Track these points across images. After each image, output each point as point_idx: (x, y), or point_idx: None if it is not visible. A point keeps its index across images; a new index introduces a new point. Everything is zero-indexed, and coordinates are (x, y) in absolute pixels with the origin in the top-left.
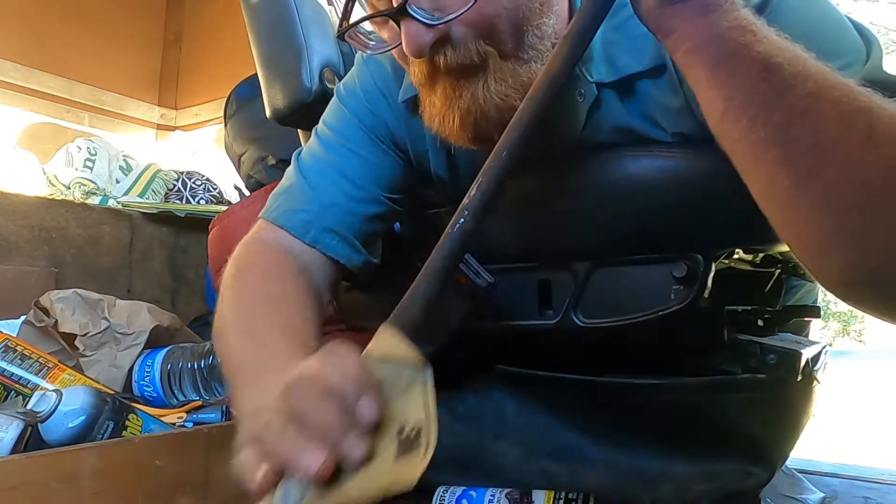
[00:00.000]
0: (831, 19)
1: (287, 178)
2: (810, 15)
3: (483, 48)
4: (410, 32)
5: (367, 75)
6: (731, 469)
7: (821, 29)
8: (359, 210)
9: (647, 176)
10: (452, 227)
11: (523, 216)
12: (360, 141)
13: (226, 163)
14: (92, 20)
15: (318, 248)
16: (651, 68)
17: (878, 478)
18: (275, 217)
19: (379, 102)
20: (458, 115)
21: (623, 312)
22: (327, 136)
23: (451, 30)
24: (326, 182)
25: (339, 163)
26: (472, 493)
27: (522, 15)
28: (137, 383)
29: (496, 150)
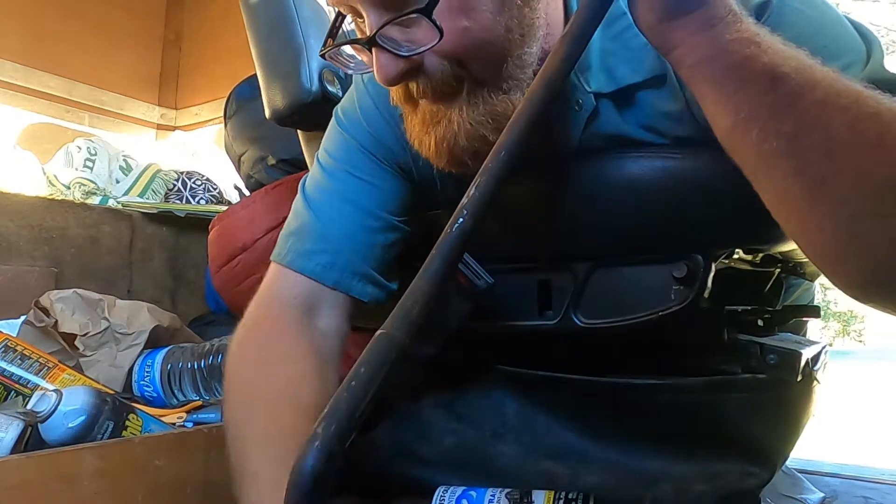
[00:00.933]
0: (831, 20)
1: (295, 215)
2: (811, 15)
3: (458, 73)
4: (380, 62)
5: (366, 98)
6: (731, 469)
7: (821, 30)
8: (376, 240)
9: (647, 177)
10: (451, 228)
11: (524, 218)
12: (365, 166)
13: (226, 163)
14: (92, 20)
15: (340, 291)
16: (650, 78)
17: (878, 478)
18: (290, 261)
19: (380, 125)
20: (434, 140)
21: (623, 313)
22: (331, 166)
23: (424, 60)
24: (338, 214)
25: (348, 192)
26: (472, 493)
27: (501, 45)
28: (137, 383)
29: (495, 151)
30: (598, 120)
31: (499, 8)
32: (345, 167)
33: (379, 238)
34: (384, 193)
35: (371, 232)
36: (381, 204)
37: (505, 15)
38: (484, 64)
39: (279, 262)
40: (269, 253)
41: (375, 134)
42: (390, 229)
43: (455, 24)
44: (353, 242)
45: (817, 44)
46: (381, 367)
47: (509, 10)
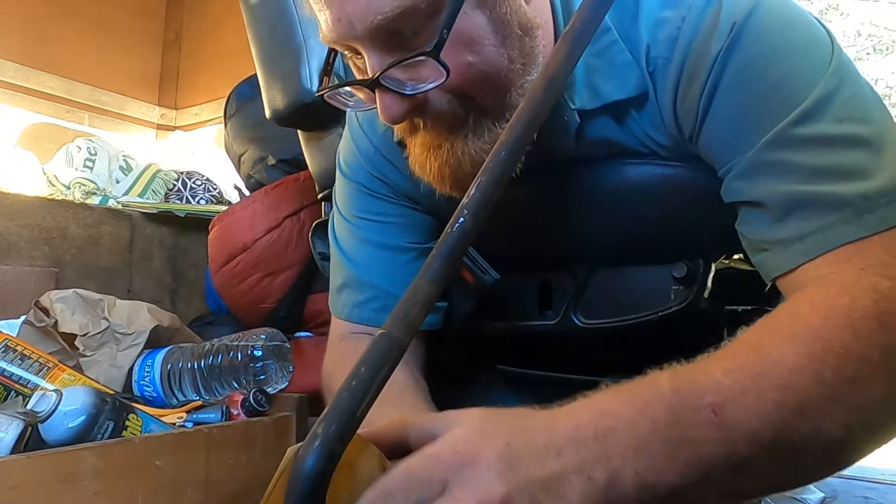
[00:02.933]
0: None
1: (336, 268)
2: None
3: (463, 105)
4: (385, 103)
5: (363, 140)
6: None
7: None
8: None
9: (647, 183)
10: (452, 227)
11: (525, 222)
12: (377, 208)
13: (226, 163)
14: (92, 20)
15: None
16: (634, 97)
17: (878, 478)
18: (347, 314)
19: (381, 164)
20: (437, 163)
21: (623, 313)
22: (349, 215)
23: (429, 98)
24: (370, 259)
25: (371, 236)
26: None
27: (505, 76)
28: (137, 383)
29: (495, 150)
30: (587, 133)
31: (501, 41)
32: (359, 214)
33: (415, 267)
34: (404, 226)
35: (405, 264)
36: (404, 236)
37: (507, 47)
38: (488, 95)
39: (340, 318)
40: (269, 253)
41: (379, 174)
42: (422, 255)
43: (459, 60)
44: (395, 279)
45: (775, 78)
46: (381, 367)
47: (511, 41)
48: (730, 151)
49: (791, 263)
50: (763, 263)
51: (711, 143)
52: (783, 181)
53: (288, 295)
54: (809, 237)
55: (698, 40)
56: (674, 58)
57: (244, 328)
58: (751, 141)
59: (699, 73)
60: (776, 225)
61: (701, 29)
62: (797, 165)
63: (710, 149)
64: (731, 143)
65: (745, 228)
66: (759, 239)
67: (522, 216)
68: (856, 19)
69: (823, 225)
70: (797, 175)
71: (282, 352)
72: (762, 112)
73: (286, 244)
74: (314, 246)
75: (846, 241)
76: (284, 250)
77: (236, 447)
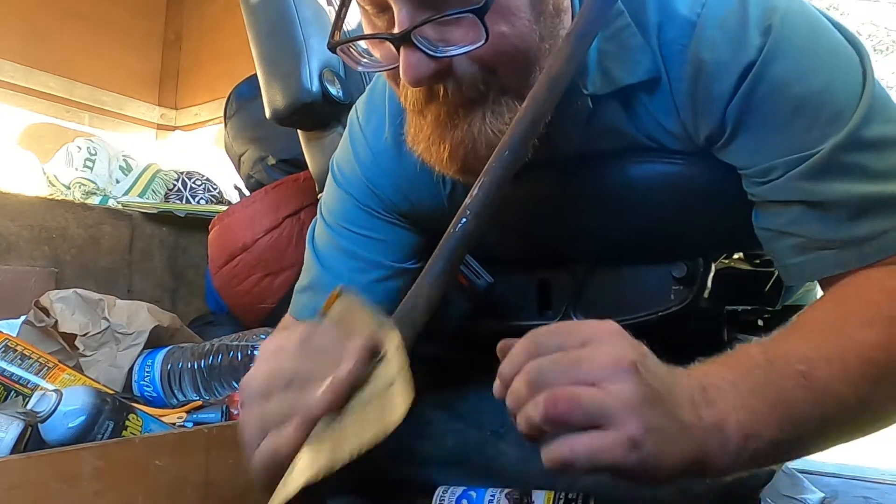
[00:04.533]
0: (826, 52)
1: (307, 270)
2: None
3: (486, 78)
4: (411, 62)
5: (364, 149)
6: None
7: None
8: (386, 288)
9: (649, 181)
10: (454, 228)
11: (525, 220)
12: (364, 222)
13: (226, 163)
14: (92, 20)
15: None
16: (646, 80)
17: (878, 478)
18: (306, 317)
19: (379, 178)
20: (449, 145)
21: (622, 313)
22: (333, 223)
23: (455, 63)
24: (346, 269)
25: (352, 247)
26: (472, 493)
27: (533, 54)
28: (137, 383)
29: (498, 150)
30: (599, 120)
31: (536, 17)
32: (345, 224)
33: (390, 285)
34: (386, 244)
35: (380, 282)
36: (384, 254)
37: (540, 24)
38: (513, 71)
39: (297, 318)
40: (269, 253)
41: (374, 187)
42: (398, 275)
43: (494, 29)
44: (367, 294)
45: (816, 86)
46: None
47: (544, 19)
48: (770, 153)
49: (862, 261)
50: (819, 261)
51: (749, 145)
52: (855, 182)
53: (288, 295)
54: (883, 237)
55: (724, 35)
56: (691, 45)
57: (244, 328)
58: (803, 142)
59: (728, 72)
60: (848, 224)
61: (726, 22)
62: (867, 167)
63: (744, 150)
64: (773, 144)
65: (801, 228)
66: (822, 238)
67: (522, 214)
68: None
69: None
70: (868, 176)
71: None
72: (813, 115)
73: (286, 244)
74: None
75: None
76: (284, 250)
77: (236, 447)
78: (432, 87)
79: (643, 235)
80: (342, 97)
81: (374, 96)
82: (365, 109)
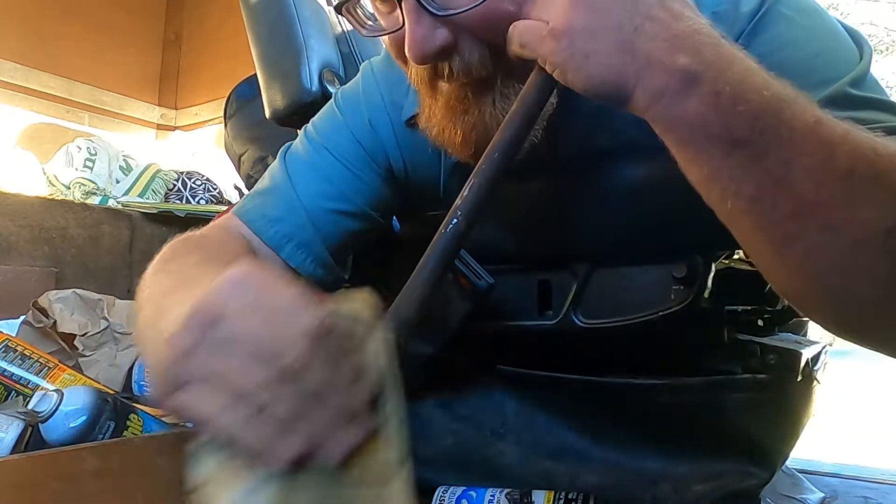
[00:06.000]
0: (824, 30)
1: (270, 176)
2: (803, 24)
3: (495, 61)
4: (415, 35)
5: (373, 87)
6: (731, 469)
7: (812, 39)
8: (344, 225)
9: (648, 180)
10: (445, 228)
11: (525, 219)
12: (350, 154)
13: (226, 163)
14: (92, 20)
15: (290, 264)
16: None
17: (878, 478)
18: (250, 220)
19: (381, 122)
20: (461, 130)
21: (623, 313)
22: (317, 141)
23: (460, 40)
24: (313, 189)
25: (327, 170)
26: (472, 493)
27: None
28: (137, 383)
29: (488, 151)
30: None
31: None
32: (329, 146)
33: (347, 223)
34: (362, 184)
35: (340, 215)
36: (356, 192)
37: None
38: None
39: (240, 217)
40: None
41: (374, 127)
42: (362, 218)
43: (500, 8)
44: (319, 220)
45: (808, 52)
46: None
47: None
48: None
49: None
50: None
51: None
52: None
53: None
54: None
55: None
56: None
57: None
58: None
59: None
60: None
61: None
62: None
63: None
64: None
65: None
66: None
67: (523, 214)
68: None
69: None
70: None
71: None
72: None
73: None
74: None
75: None
76: None
77: None
78: (437, 65)
79: (644, 235)
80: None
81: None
82: (383, 63)
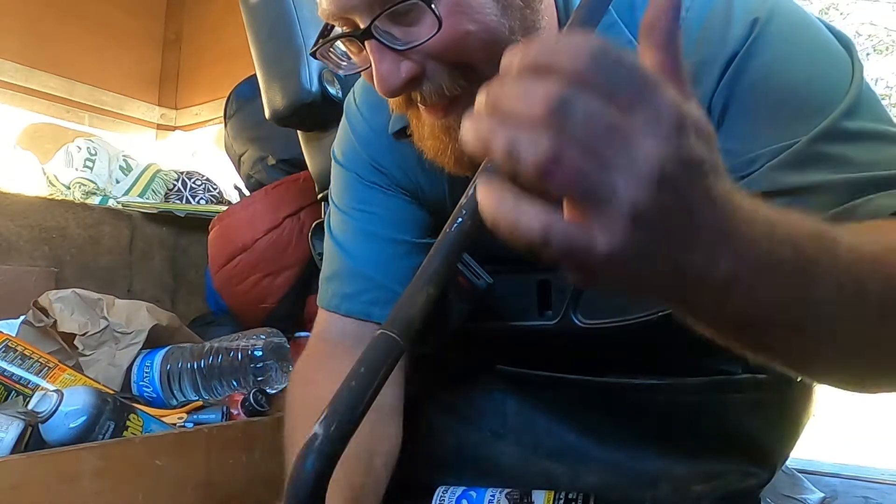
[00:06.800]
0: (815, 45)
1: (329, 259)
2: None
3: (465, 76)
4: (381, 72)
5: (361, 124)
6: (731, 469)
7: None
8: (409, 264)
9: None
10: (450, 227)
11: None
12: (370, 198)
13: (226, 163)
14: (92, 20)
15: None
16: None
17: (878, 478)
18: (336, 305)
19: (379, 151)
20: (452, 153)
21: (623, 313)
22: (343, 206)
23: (426, 67)
24: (367, 250)
25: (367, 226)
26: (472, 493)
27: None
28: (137, 384)
29: None
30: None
31: (502, 10)
32: (355, 205)
33: (409, 261)
34: (398, 220)
35: (400, 257)
36: (398, 229)
37: (508, 17)
38: (488, 64)
39: (327, 309)
40: (269, 253)
41: (375, 161)
42: (416, 251)
43: (458, 28)
44: (389, 273)
45: (802, 76)
46: (380, 367)
47: (511, 11)
48: (753, 144)
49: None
50: None
51: (732, 136)
52: (838, 172)
53: (288, 295)
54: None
55: (707, 35)
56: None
57: (244, 328)
58: (786, 133)
59: (711, 66)
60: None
61: (710, 22)
62: (848, 158)
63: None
64: (756, 135)
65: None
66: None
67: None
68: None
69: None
70: (852, 167)
71: (282, 352)
72: (797, 106)
73: (286, 244)
74: (314, 246)
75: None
76: (284, 250)
77: (236, 447)
78: (409, 94)
79: None
80: (341, 97)
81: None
82: (362, 90)
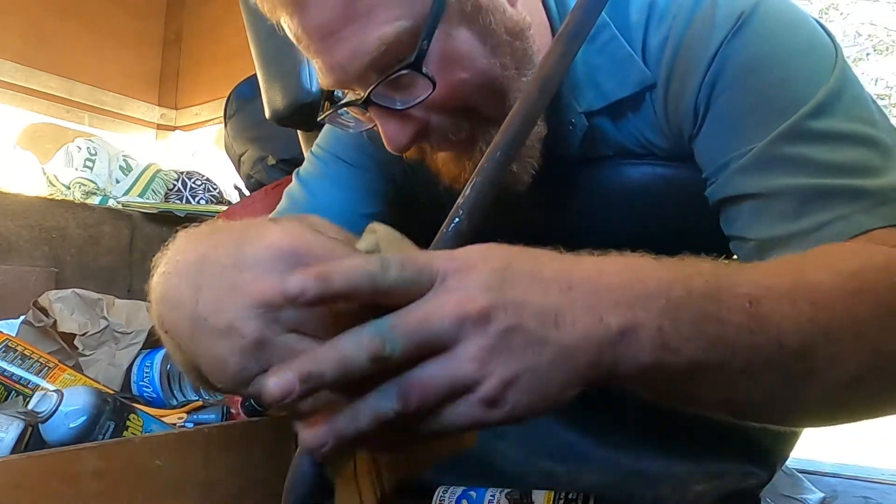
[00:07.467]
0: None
1: (289, 196)
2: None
3: (467, 118)
4: (388, 134)
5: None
6: (731, 469)
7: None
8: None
9: (648, 184)
10: (447, 227)
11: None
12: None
13: (226, 163)
14: (92, 20)
15: None
16: (634, 94)
17: (878, 478)
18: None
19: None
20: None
21: None
22: (325, 156)
23: (430, 119)
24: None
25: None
26: (472, 494)
27: (500, 84)
28: (136, 384)
29: (490, 151)
30: (594, 136)
31: (491, 51)
32: (340, 155)
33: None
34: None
35: (364, 217)
36: (373, 193)
37: (498, 55)
38: (489, 104)
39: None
40: None
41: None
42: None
43: (452, 78)
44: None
45: (778, 76)
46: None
47: (500, 48)
48: (727, 148)
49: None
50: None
51: (709, 140)
52: (799, 174)
53: None
54: (829, 226)
55: (693, 35)
56: (665, 51)
57: None
58: (756, 135)
59: (696, 67)
60: (792, 218)
61: (695, 24)
62: (812, 160)
63: (706, 146)
64: (730, 139)
65: (752, 230)
66: (773, 236)
67: (522, 219)
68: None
69: (843, 214)
70: (813, 169)
71: None
72: (768, 107)
73: None
74: None
75: (866, 229)
76: None
77: (236, 447)
78: (421, 146)
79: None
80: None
81: None
82: None
